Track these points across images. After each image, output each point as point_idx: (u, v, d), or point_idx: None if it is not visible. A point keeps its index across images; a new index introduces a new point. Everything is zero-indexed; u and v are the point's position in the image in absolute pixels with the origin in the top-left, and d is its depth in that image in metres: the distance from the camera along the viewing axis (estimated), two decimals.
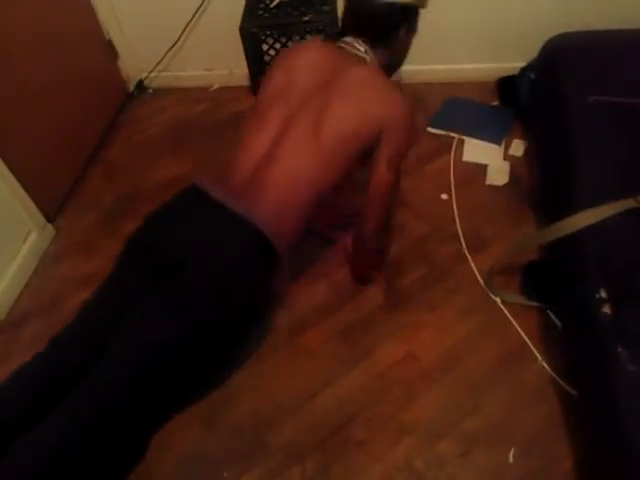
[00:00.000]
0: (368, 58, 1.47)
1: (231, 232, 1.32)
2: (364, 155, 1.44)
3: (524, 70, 2.22)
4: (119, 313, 1.31)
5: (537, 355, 1.54)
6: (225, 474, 1.40)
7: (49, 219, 2.08)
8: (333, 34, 2.14)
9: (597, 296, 1.26)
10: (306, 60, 1.48)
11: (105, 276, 1.44)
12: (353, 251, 1.75)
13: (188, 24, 2.48)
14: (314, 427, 1.47)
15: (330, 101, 1.37)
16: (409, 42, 1.55)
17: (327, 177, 1.40)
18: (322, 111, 1.36)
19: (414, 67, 2.45)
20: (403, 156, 1.49)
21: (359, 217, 1.58)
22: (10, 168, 1.85)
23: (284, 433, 1.47)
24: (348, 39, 1.48)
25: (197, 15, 2.45)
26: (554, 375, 1.49)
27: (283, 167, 1.36)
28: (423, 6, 1.50)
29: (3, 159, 1.82)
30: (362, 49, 1.46)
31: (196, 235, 1.31)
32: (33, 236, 1.98)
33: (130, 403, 1.25)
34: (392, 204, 1.62)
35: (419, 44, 1.64)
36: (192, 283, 1.28)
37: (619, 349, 1.17)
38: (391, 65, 1.55)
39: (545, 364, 1.52)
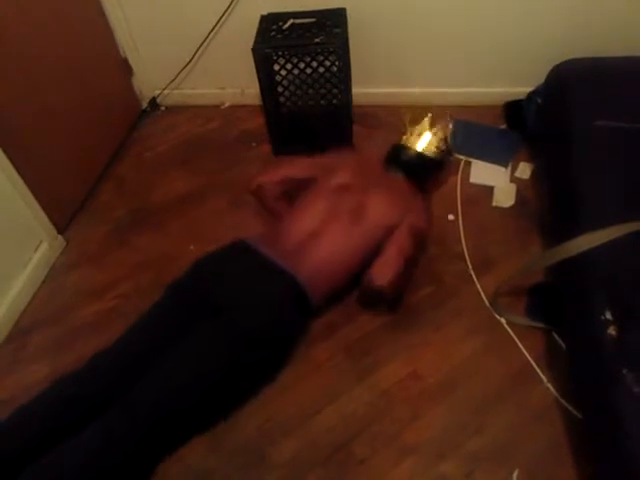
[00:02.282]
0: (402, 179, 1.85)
1: (274, 284, 1.53)
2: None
3: (531, 95, 2.24)
4: (159, 345, 1.44)
5: (542, 376, 1.54)
6: None
7: (60, 230, 2.11)
8: (344, 56, 2.19)
9: (602, 317, 1.27)
10: (365, 168, 1.86)
11: (120, 292, 1.54)
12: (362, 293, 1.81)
13: (202, 44, 2.54)
14: (317, 444, 1.47)
15: (371, 201, 1.71)
16: (435, 184, 2.00)
17: (360, 256, 1.67)
18: (364, 207, 1.69)
19: (423, 90, 2.50)
20: (422, 230, 1.76)
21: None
22: (24, 179, 1.89)
23: (287, 449, 1.46)
24: (391, 167, 1.87)
25: (211, 35, 2.50)
26: (558, 397, 1.49)
27: (328, 244, 1.62)
28: (448, 161, 1.95)
29: (18, 171, 1.86)
30: (399, 175, 1.85)
31: (243, 283, 1.53)
32: (44, 246, 2.00)
33: (159, 431, 1.33)
34: (407, 274, 1.76)
35: (430, 68, 1.69)
36: (236, 326, 1.43)
37: (624, 371, 1.17)
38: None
39: (550, 385, 1.52)
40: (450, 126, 1.92)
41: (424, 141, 1.85)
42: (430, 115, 1.90)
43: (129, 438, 1.29)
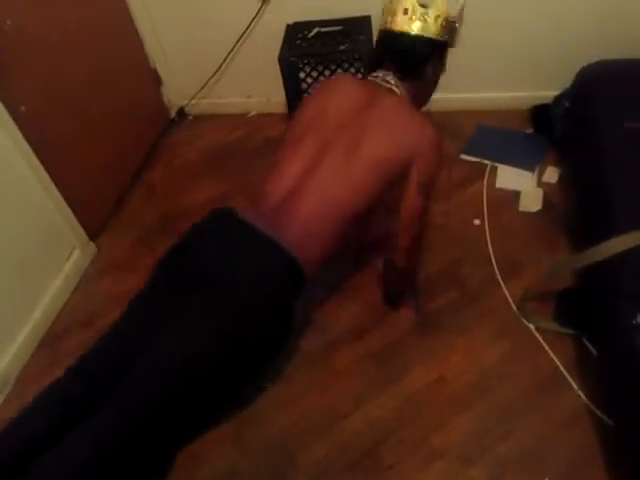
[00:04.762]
0: (397, 90, 1.53)
1: (261, 255, 1.35)
2: (394, 183, 1.48)
3: (558, 98, 2.22)
4: (148, 332, 1.34)
5: (572, 383, 1.51)
6: None
7: (91, 237, 2.17)
8: (367, 64, 2.20)
9: (633, 322, 1.25)
10: (339, 93, 1.55)
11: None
12: (384, 273, 1.77)
13: (229, 53, 2.58)
14: (344, 448, 1.47)
15: (362, 131, 1.43)
16: (437, 78, 1.62)
17: (358, 204, 1.43)
18: (354, 140, 1.42)
19: (449, 95, 2.49)
20: (433, 181, 1.53)
21: (391, 241, 1.59)
22: (58, 188, 1.96)
23: (314, 453, 1.47)
24: (379, 72, 1.55)
25: (238, 45, 2.55)
26: (589, 403, 1.46)
27: (315, 194, 1.40)
28: (452, 45, 1.56)
29: (52, 178, 1.92)
30: (392, 82, 1.52)
31: (227, 256, 1.36)
32: (76, 253, 2.06)
33: (158, 420, 1.26)
34: (423, 230, 1.66)
35: (455, 72, 1.68)
36: (223, 303, 1.31)
37: None
38: (419, 98, 1.60)
39: (580, 392, 1.49)
40: None
41: (418, 19, 1.45)
42: None
43: (124, 432, 1.21)
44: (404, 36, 1.47)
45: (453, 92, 2.50)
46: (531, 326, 1.67)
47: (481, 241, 1.96)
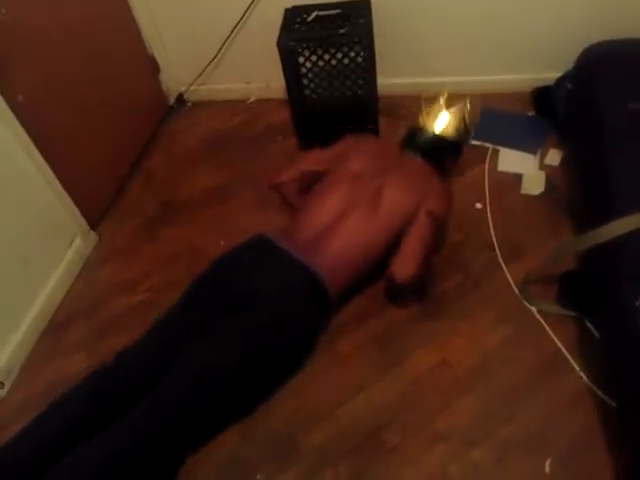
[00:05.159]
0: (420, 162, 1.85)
1: (292, 277, 1.53)
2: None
3: (561, 80, 2.20)
4: (183, 340, 1.46)
5: (574, 364, 1.52)
6: (258, 477, 1.42)
7: (92, 226, 2.17)
8: (368, 46, 2.18)
9: (636, 304, 1.25)
10: (377, 153, 1.87)
11: (148, 284, 1.55)
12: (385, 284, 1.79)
13: (227, 39, 2.56)
14: (347, 432, 1.48)
15: (388, 184, 1.69)
16: (453, 167, 2.04)
17: (380, 245, 1.66)
18: (382, 192, 1.67)
19: (450, 79, 2.48)
20: (442, 214, 1.72)
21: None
22: (58, 177, 1.95)
23: (317, 437, 1.48)
24: (410, 151, 1.87)
25: (236, 30, 2.52)
26: (591, 385, 1.47)
27: (345, 234, 1.62)
28: (466, 142, 1.98)
29: (52, 167, 1.91)
30: (417, 158, 1.85)
31: (262, 276, 1.54)
32: (77, 242, 2.06)
33: (185, 424, 1.36)
34: (430, 257, 1.74)
35: (456, 55, 1.67)
36: (256, 318, 1.45)
37: None
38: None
39: (582, 373, 1.50)
40: (468, 106, 1.89)
41: (441, 122, 1.85)
42: (446, 95, 1.88)
43: (156, 432, 1.31)
44: (428, 135, 1.87)
45: (454, 75, 2.49)
46: (533, 309, 1.67)
47: (483, 225, 1.95)
